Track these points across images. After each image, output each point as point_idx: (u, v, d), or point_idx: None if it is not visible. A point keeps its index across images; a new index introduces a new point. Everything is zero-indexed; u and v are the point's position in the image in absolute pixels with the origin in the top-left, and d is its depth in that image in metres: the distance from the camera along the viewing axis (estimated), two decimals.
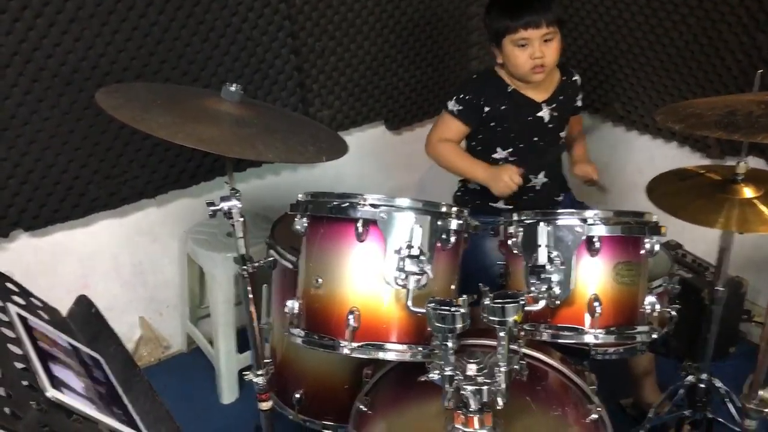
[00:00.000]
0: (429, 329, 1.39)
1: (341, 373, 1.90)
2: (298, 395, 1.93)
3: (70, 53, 2.15)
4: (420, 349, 1.49)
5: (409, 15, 2.79)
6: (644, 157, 2.85)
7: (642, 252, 1.56)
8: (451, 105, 2.17)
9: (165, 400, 2.69)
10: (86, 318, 1.34)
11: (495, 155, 2.19)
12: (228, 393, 2.52)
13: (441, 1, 2.86)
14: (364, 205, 1.45)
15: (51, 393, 0.95)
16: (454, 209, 1.52)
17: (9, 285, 1.25)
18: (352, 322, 1.44)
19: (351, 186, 2.90)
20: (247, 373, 1.75)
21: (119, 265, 2.57)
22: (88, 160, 2.30)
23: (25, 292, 1.28)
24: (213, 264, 2.39)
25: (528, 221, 1.54)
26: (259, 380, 1.72)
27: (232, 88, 1.64)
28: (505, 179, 2.06)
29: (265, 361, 1.94)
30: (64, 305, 1.33)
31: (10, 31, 2.04)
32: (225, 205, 1.55)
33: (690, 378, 2.01)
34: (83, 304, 1.36)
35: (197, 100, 1.65)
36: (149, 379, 2.79)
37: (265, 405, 1.77)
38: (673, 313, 1.86)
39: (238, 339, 2.47)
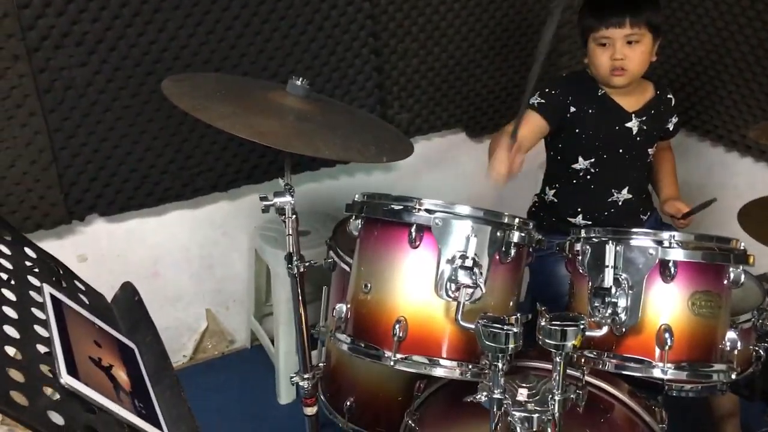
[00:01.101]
0: None
1: (394, 384, 1.82)
2: (348, 403, 1.87)
3: (153, 43, 2.18)
4: (470, 367, 1.40)
5: (497, 19, 2.70)
6: (744, 181, 2.64)
7: (725, 282, 1.41)
8: (534, 99, 2.01)
9: (224, 394, 2.69)
10: (129, 305, 1.32)
11: (576, 165, 2.05)
12: (285, 393, 2.49)
13: (531, 6, 2.75)
14: (419, 209, 1.38)
15: (65, 380, 0.92)
16: (518, 220, 1.42)
17: (53, 266, 1.24)
18: (398, 332, 1.36)
19: (426, 193, 2.81)
20: (294, 376, 1.70)
21: (189, 255, 2.59)
22: (164, 149, 2.32)
23: (69, 275, 1.27)
24: (277, 262, 2.36)
25: (596, 239, 1.42)
26: (305, 384, 1.67)
27: (298, 83, 1.61)
28: (494, 163, 1.76)
29: (321, 364, 1.90)
30: None
31: (97, 19, 2.08)
32: (278, 201, 1.51)
33: None
34: (128, 291, 1.35)
35: (262, 93, 1.63)
36: (212, 371, 2.81)
37: (310, 410, 1.72)
38: (761, 352, 1.70)
39: None
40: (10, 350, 0.91)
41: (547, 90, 2.02)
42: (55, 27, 2.03)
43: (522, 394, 1.32)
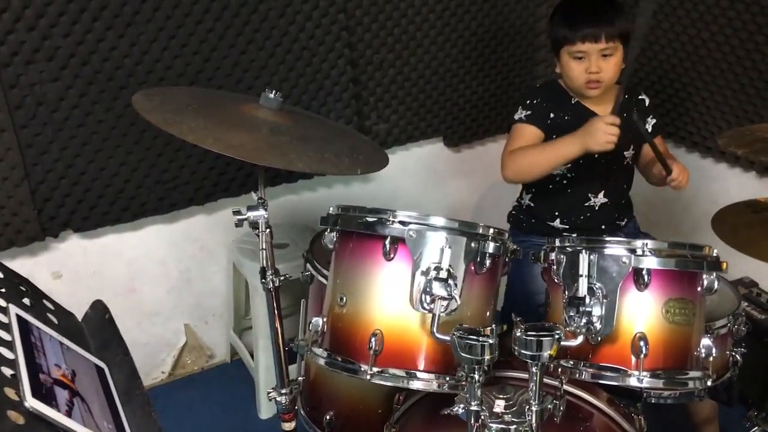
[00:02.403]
0: None
1: (374, 397, 1.81)
2: (328, 416, 1.85)
3: (126, 57, 2.16)
4: (447, 379, 1.39)
5: (472, 29, 2.71)
6: (719, 187, 2.66)
7: (698, 289, 1.42)
8: (519, 114, 2.06)
9: (204, 410, 2.66)
10: (99, 324, 1.30)
11: (554, 172, 2.07)
12: (266, 408, 2.47)
13: (507, 15, 2.76)
14: (393, 221, 1.37)
15: (30, 403, 0.90)
16: (492, 231, 1.42)
17: (20, 285, 1.22)
18: (374, 345, 1.35)
19: (405, 203, 2.82)
20: (271, 391, 1.69)
21: (167, 270, 2.56)
22: (140, 164, 2.30)
23: (37, 294, 1.25)
24: (255, 275, 2.30)
25: (570, 248, 1.42)
26: (282, 399, 1.65)
27: (271, 95, 1.60)
28: (601, 131, 1.83)
29: (300, 378, 1.88)
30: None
31: (68, 34, 2.06)
32: (251, 215, 1.49)
33: (756, 429, 1.83)
34: (98, 309, 1.33)
35: (234, 106, 1.61)
36: (191, 387, 2.78)
37: (288, 426, 1.70)
38: (738, 357, 1.71)
39: None
40: None
41: (528, 102, 2.07)
42: (26, 42, 2.01)
43: (499, 405, 1.32)
